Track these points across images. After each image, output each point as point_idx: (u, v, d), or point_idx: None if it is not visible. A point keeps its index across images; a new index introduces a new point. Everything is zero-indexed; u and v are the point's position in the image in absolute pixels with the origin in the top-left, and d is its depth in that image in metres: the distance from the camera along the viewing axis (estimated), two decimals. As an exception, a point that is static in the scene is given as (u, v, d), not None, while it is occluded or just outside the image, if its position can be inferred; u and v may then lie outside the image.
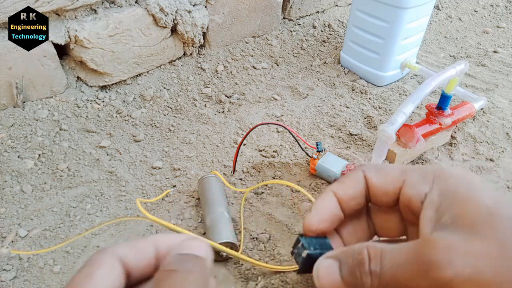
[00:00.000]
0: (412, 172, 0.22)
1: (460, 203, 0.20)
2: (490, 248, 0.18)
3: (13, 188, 0.52)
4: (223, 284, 0.40)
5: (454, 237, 0.19)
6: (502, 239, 0.18)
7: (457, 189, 0.20)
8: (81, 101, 0.68)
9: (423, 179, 0.22)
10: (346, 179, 0.25)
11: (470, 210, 0.19)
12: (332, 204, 0.25)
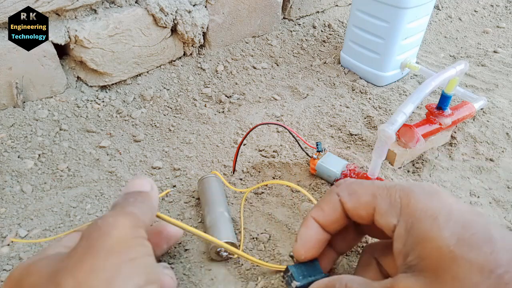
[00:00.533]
0: (380, 199, 0.24)
1: (424, 242, 0.20)
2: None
3: (13, 188, 0.52)
4: (223, 284, 0.40)
5: (418, 284, 0.20)
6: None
7: (420, 226, 0.21)
8: (81, 101, 0.68)
9: (391, 209, 0.23)
10: (324, 204, 0.27)
11: (432, 252, 0.20)
12: (314, 231, 0.27)
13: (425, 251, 0.20)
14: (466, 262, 0.19)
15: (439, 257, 0.20)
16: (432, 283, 0.19)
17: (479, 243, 0.19)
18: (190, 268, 0.42)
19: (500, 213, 0.51)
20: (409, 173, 0.57)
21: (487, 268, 0.18)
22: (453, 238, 0.20)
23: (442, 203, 0.21)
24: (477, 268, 0.19)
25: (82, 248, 0.22)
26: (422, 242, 0.21)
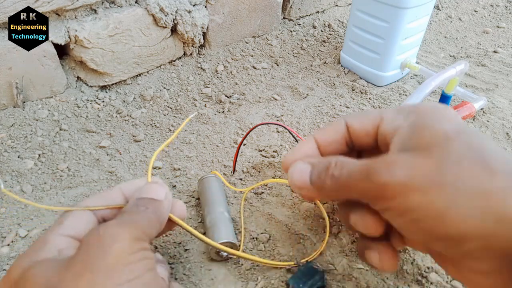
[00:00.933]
0: (389, 110, 0.24)
1: (423, 131, 0.21)
2: (430, 164, 0.19)
3: (13, 188, 0.52)
4: (223, 284, 0.40)
5: (404, 156, 0.20)
6: (445, 158, 0.19)
7: (425, 120, 0.22)
8: (81, 101, 0.68)
9: (398, 115, 0.23)
10: (328, 126, 0.27)
11: (429, 135, 0.21)
12: (310, 147, 0.27)
13: (422, 136, 0.21)
14: (460, 142, 0.20)
15: (434, 138, 0.20)
16: (419, 154, 0.20)
17: (476, 137, 0.20)
18: (190, 268, 0.42)
19: (500, 213, 0.51)
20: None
21: (475, 148, 0.19)
22: (452, 127, 0.21)
23: (450, 110, 0.22)
24: (467, 147, 0.19)
25: (81, 263, 0.21)
26: (421, 131, 0.21)
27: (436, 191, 0.19)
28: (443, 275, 0.42)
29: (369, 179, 0.21)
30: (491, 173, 0.18)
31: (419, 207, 0.19)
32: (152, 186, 0.27)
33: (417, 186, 0.19)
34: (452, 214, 0.18)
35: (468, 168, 0.19)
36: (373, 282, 0.41)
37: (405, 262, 0.43)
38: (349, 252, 0.44)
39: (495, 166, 0.18)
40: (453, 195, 0.18)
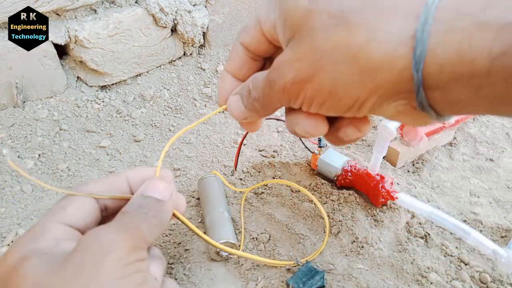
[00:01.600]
0: (262, 8, 0.25)
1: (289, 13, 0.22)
2: (305, 49, 0.21)
3: (13, 188, 0.52)
4: (222, 284, 0.40)
5: (285, 52, 0.22)
6: (313, 37, 0.20)
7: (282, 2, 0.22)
8: (81, 101, 0.68)
9: (269, 8, 0.25)
10: (231, 55, 0.28)
11: (295, 19, 0.21)
12: (228, 82, 0.29)
13: (290, 21, 0.22)
14: (320, 13, 0.20)
15: (299, 19, 0.21)
16: (296, 41, 0.21)
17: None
18: (190, 268, 0.41)
19: (500, 213, 0.51)
20: (409, 173, 0.57)
21: (334, 15, 0.20)
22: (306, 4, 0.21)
23: None
24: (329, 16, 0.20)
25: (74, 267, 0.20)
26: (287, 14, 0.22)
27: (320, 73, 0.21)
28: (443, 275, 0.42)
29: (273, 90, 0.23)
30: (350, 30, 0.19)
31: (317, 89, 0.21)
32: (159, 184, 0.26)
33: (305, 76, 0.21)
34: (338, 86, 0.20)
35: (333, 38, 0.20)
36: (373, 282, 0.41)
37: (405, 262, 0.43)
38: (349, 252, 0.44)
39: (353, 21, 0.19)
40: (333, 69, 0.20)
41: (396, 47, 0.18)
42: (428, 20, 0.17)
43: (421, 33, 0.17)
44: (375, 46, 0.18)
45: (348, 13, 0.19)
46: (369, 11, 0.19)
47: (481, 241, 0.41)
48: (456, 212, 0.50)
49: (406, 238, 0.45)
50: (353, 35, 0.19)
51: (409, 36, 0.17)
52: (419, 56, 0.17)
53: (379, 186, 0.47)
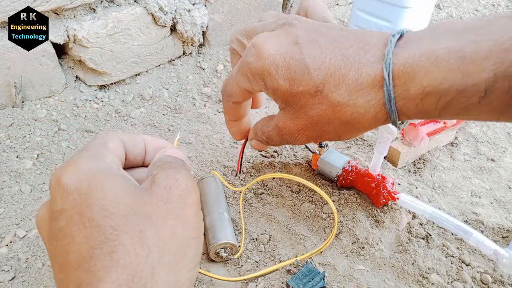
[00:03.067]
0: (242, 81, 0.32)
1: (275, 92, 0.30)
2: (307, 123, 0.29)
3: (11, 188, 0.52)
4: (222, 285, 0.40)
5: (289, 119, 0.31)
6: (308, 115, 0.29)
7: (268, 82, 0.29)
8: (79, 101, 0.68)
9: (252, 82, 0.31)
10: (227, 110, 0.37)
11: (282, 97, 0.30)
12: (238, 127, 0.39)
13: (280, 97, 0.29)
14: (301, 94, 0.27)
15: (287, 98, 0.29)
16: (294, 114, 0.29)
17: (301, 78, 0.27)
18: (190, 269, 0.41)
19: (501, 213, 0.50)
20: (410, 173, 0.57)
21: (313, 92, 0.27)
22: (286, 83, 0.28)
23: (268, 57, 0.28)
24: (309, 95, 0.27)
25: (164, 203, 0.22)
26: (275, 92, 0.29)
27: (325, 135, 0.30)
28: (444, 276, 0.42)
29: (286, 141, 0.33)
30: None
31: (324, 139, 0.32)
32: (177, 150, 0.29)
33: (314, 137, 0.31)
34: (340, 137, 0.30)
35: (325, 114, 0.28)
36: (374, 283, 0.41)
37: (405, 263, 0.43)
38: (349, 253, 0.44)
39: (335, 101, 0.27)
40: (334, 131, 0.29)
41: (376, 113, 0.26)
42: (391, 96, 0.24)
43: (389, 105, 0.25)
44: (361, 118, 0.26)
45: (327, 93, 0.26)
46: (342, 88, 0.26)
47: (482, 241, 0.40)
48: (457, 213, 0.50)
49: (407, 238, 0.45)
50: (341, 113, 0.27)
51: (381, 104, 0.25)
52: (393, 118, 0.26)
53: (380, 187, 0.46)
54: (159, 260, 0.21)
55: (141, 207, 0.22)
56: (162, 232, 0.21)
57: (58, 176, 0.22)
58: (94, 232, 0.20)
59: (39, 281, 0.41)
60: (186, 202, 0.23)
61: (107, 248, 0.20)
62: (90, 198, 0.21)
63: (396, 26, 0.69)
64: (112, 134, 0.27)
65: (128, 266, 0.20)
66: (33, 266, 0.42)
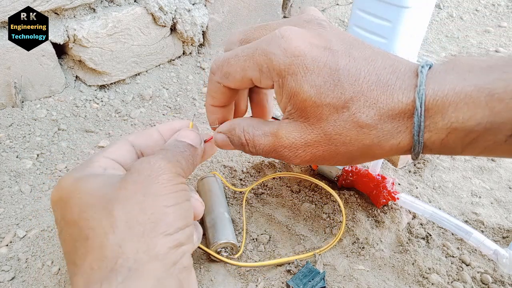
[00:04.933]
0: (251, 71, 0.28)
1: (293, 97, 0.26)
2: (319, 139, 0.26)
3: (11, 188, 0.52)
4: (222, 285, 0.40)
5: (295, 131, 0.26)
6: (325, 130, 0.25)
7: (287, 84, 0.26)
8: (79, 101, 0.68)
9: (263, 75, 0.27)
10: (211, 93, 0.31)
11: (301, 104, 0.26)
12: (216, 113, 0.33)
13: (296, 103, 0.26)
14: (325, 106, 0.25)
15: (306, 106, 0.25)
16: (305, 126, 0.26)
17: (331, 89, 0.25)
18: (190, 269, 0.41)
19: (501, 213, 0.50)
20: (410, 173, 0.57)
21: (340, 107, 0.25)
22: (312, 90, 0.25)
23: (299, 56, 0.25)
24: (334, 109, 0.25)
25: (133, 184, 0.24)
26: (292, 96, 0.26)
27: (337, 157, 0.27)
28: (444, 276, 0.42)
29: (280, 157, 0.28)
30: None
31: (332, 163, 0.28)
32: (190, 132, 0.30)
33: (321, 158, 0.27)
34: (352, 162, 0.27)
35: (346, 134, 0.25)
36: (374, 283, 0.41)
37: (406, 263, 0.43)
38: (350, 253, 0.44)
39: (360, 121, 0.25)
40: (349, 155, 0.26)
41: (400, 142, 0.25)
42: (420, 127, 0.23)
43: (417, 136, 0.24)
44: (384, 144, 0.25)
45: (354, 112, 0.24)
46: (372, 110, 0.24)
47: (482, 241, 0.40)
48: (458, 213, 0.50)
49: (407, 239, 0.45)
50: (365, 136, 0.24)
51: (408, 132, 0.24)
52: (417, 150, 0.24)
53: (380, 187, 0.46)
54: (128, 232, 0.22)
55: (113, 193, 0.24)
56: (129, 208, 0.23)
57: (51, 196, 0.26)
58: (74, 229, 0.23)
59: (39, 281, 0.41)
60: (157, 179, 0.24)
61: (83, 237, 0.23)
62: (69, 203, 0.24)
63: (396, 26, 0.69)
64: (119, 139, 0.30)
65: (98, 246, 0.22)
66: (33, 266, 0.42)
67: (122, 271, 0.21)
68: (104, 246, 0.22)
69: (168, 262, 0.23)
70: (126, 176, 0.25)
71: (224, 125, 0.31)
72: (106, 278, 0.21)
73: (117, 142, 0.30)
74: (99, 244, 0.22)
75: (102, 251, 0.22)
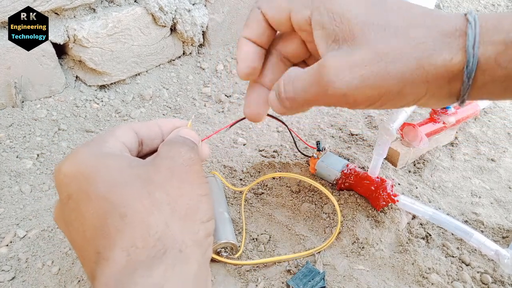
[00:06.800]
0: (292, 2, 0.25)
1: (339, 19, 0.23)
2: (367, 57, 0.22)
3: (11, 188, 0.52)
4: (222, 285, 0.40)
5: (341, 55, 0.23)
6: (374, 47, 0.22)
7: (331, 7, 0.24)
8: (80, 101, 0.68)
9: (304, 4, 0.25)
10: (249, 22, 0.29)
11: (347, 26, 0.23)
12: (249, 47, 0.29)
13: (341, 26, 0.23)
14: (374, 25, 0.23)
15: (352, 28, 0.23)
16: (352, 48, 0.23)
17: (382, 10, 0.23)
18: (190, 269, 0.41)
19: (501, 213, 0.50)
20: (410, 173, 0.57)
21: (388, 26, 0.23)
22: (361, 9, 0.23)
23: None
24: (383, 27, 0.23)
25: (168, 170, 0.24)
26: (336, 20, 0.23)
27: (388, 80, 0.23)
28: (444, 276, 0.42)
29: (328, 93, 0.24)
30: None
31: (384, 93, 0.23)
32: (190, 130, 0.30)
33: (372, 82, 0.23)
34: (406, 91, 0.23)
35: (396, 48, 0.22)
36: (374, 283, 0.41)
37: (405, 263, 0.43)
38: (349, 253, 0.44)
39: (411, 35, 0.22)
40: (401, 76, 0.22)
41: (452, 57, 0.22)
42: (476, 38, 0.21)
43: (471, 49, 0.21)
44: (436, 57, 0.22)
45: (403, 31, 0.22)
46: (422, 29, 0.22)
47: (483, 242, 0.40)
48: (457, 213, 0.50)
49: (407, 239, 0.45)
50: (416, 49, 0.22)
51: (460, 48, 0.22)
52: (471, 67, 0.22)
53: (379, 190, 0.46)
54: (172, 214, 0.22)
55: (145, 174, 0.23)
56: (170, 192, 0.23)
57: (59, 168, 0.24)
58: (102, 204, 0.22)
59: (39, 281, 0.41)
60: (190, 168, 0.24)
61: (117, 213, 0.21)
62: (93, 176, 0.23)
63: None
64: (123, 124, 0.29)
65: (141, 223, 0.21)
66: (33, 266, 0.42)
67: (172, 252, 0.21)
68: (150, 225, 0.21)
69: (203, 250, 0.23)
70: (157, 160, 0.25)
71: (277, 84, 0.28)
72: (155, 257, 0.20)
73: (121, 126, 0.29)
74: (141, 222, 0.21)
75: (147, 228, 0.21)
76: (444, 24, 0.22)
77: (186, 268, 0.21)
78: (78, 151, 0.24)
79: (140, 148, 0.30)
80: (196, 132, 0.32)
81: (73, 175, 0.23)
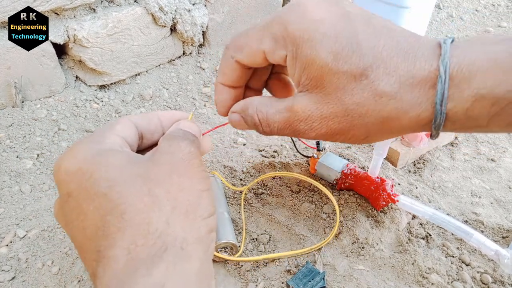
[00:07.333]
0: (265, 42, 0.26)
1: (308, 66, 0.24)
2: (335, 111, 0.24)
3: (11, 188, 0.52)
4: (222, 285, 0.40)
5: (311, 102, 0.25)
6: (342, 101, 0.24)
7: (301, 51, 0.24)
8: (80, 101, 0.68)
9: (277, 44, 0.26)
10: (223, 68, 0.30)
11: (316, 72, 0.24)
12: (226, 93, 0.31)
13: (311, 73, 0.24)
14: (343, 73, 0.23)
15: (322, 75, 0.24)
16: (321, 97, 0.25)
17: (349, 55, 0.23)
18: (190, 269, 0.41)
19: (501, 213, 0.50)
20: (410, 173, 0.57)
21: (358, 75, 0.23)
22: (329, 56, 0.23)
23: (316, 21, 0.24)
24: (352, 76, 0.23)
25: (167, 165, 0.24)
26: (307, 65, 0.24)
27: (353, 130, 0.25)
28: (444, 276, 0.42)
29: (295, 133, 0.26)
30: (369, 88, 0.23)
31: (348, 138, 0.26)
32: (191, 123, 0.30)
33: (337, 131, 0.25)
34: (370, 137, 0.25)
35: (363, 104, 0.23)
36: (374, 283, 0.41)
37: (405, 263, 0.43)
38: (349, 253, 0.44)
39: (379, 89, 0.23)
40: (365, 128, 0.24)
41: (420, 114, 0.23)
42: (444, 95, 0.22)
43: (439, 106, 0.22)
44: (403, 116, 0.23)
45: (373, 80, 0.23)
46: (392, 78, 0.23)
47: (483, 242, 0.40)
48: (457, 213, 0.50)
49: (407, 239, 0.45)
50: (383, 106, 0.23)
51: (430, 103, 0.23)
52: (438, 122, 0.23)
53: (379, 190, 0.46)
54: (172, 212, 0.22)
55: (145, 171, 0.23)
56: (170, 189, 0.22)
57: (59, 165, 0.24)
58: (103, 202, 0.22)
59: (39, 281, 0.41)
60: (190, 163, 0.24)
61: (117, 211, 0.21)
62: (93, 174, 0.23)
63: (396, 26, 0.69)
64: (122, 118, 0.28)
65: (141, 221, 0.21)
66: (33, 266, 0.42)
67: (173, 250, 0.21)
68: (150, 222, 0.21)
69: (205, 247, 0.23)
70: (156, 156, 0.24)
71: (237, 105, 0.30)
72: (155, 255, 0.21)
73: (121, 120, 0.28)
74: (141, 220, 0.21)
75: (147, 226, 0.21)
76: (416, 71, 0.23)
77: (187, 266, 0.21)
78: (78, 147, 0.24)
79: (140, 142, 0.30)
80: (197, 125, 0.31)
81: (73, 173, 0.23)
